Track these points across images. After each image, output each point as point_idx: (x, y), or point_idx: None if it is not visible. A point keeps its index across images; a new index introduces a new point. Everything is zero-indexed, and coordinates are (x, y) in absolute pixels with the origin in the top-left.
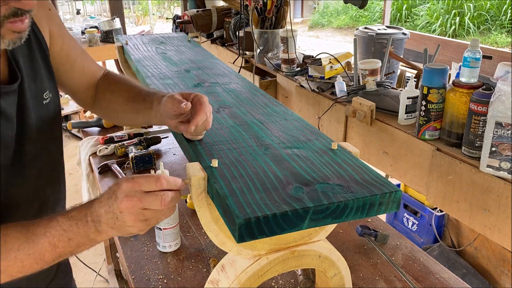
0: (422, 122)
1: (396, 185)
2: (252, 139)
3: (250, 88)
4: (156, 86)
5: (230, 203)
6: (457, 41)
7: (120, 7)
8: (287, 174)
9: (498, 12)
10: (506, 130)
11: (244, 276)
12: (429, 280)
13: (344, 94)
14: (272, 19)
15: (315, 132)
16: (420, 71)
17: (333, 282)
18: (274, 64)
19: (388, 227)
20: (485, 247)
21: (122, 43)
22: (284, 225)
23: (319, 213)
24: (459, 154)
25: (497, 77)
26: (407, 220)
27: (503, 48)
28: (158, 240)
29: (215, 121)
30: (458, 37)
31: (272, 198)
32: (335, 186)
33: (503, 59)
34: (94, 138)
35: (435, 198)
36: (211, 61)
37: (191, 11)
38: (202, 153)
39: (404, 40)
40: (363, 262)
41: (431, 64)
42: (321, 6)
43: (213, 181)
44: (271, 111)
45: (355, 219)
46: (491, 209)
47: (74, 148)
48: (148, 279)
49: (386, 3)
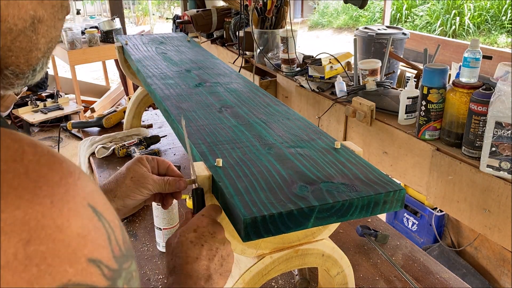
0: (422, 122)
1: None
2: (255, 139)
3: (251, 87)
4: (158, 86)
5: (236, 202)
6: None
7: (120, 7)
8: (291, 173)
9: (498, 12)
10: (506, 130)
11: (248, 275)
12: (429, 280)
13: (344, 94)
14: (272, 19)
15: (317, 131)
16: (420, 71)
17: (336, 280)
18: (274, 64)
19: (388, 227)
20: (485, 247)
21: (122, 43)
22: (290, 224)
23: (324, 212)
24: (459, 154)
25: (497, 77)
26: (407, 220)
27: (503, 48)
28: (158, 240)
29: (217, 121)
30: (458, 37)
31: (277, 197)
32: (339, 185)
33: (503, 59)
34: (89, 139)
35: (435, 198)
36: (212, 61)
37: (191, 11)
38: (206, 153)
39: (404, 40)
40: (363, 262)
41: (431, 64)
42: (321, 6)
43: (218, 180)
44: (273, 111)
45: (360, 218)
46: (491, 209)
47: (74, 148)
48: (148, 279)
49: (386, 3)
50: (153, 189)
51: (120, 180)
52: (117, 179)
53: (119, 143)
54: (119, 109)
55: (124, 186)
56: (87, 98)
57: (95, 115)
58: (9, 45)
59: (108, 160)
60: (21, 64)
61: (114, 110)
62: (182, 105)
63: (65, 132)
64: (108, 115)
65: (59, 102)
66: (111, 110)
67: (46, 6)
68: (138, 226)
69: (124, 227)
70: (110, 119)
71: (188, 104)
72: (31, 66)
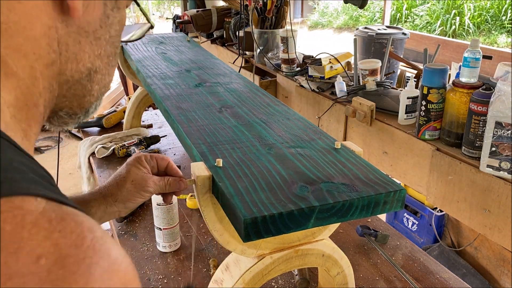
0: (422, 122)
1: None
2: (256, 139)
3: (251, 87)
4: (158, 86)
5: (236, 203)
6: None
7: None
8: (291, 173)
9: (498, 12)
10: (506, 130)
11: (248, 275)
12: (429, 280)
13: (344, 94)
14: (272, 19)
15: (318, 131)
16: (420, 71)
17: (336, 281)
18: (274, 64)
19: (388, 227)
20: (485, 247)
21: (122, 43)
22: (290, 224)
23: (324, 212)
24: (459, 154)
25: (497, 77)
26: (407, 220)
27: (503, 48)
28: (158, 240)
29: (217, 121)
30: (458, 37)
31: (278, 197)
32: (339, 185)
33: (503, 59)
34: (89, 139)
35: (435, 198)
36: (212, 61)
37: (191, 11)
38: (206, 153)
39: (404, 40)
40: (363, 262)
41: (431, 64)
42: (321, 6)
43: (218, 180)
44: (273, 111)
45: (360, 218)
46: (491, 209)
47: (74, 148)
48: (148, 279)
49: (386, 3)
50: (154, 191)
51: (120, 184)
52: (117, 183)
53: (119, 143)
54: (119, 109)
55: (125, 191)
56: None
57: (95, 115)
58: (64, 93)
59: (108, 160)
60: (74, 107)
61: (114, 110)
62: (182, 105)
63: (65, 132)
64: (108, 115)
65: None
66: (111, 110)
67: (103, 57)
68: (138, 226)
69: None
70: (110, 119)
71: (188, 104)
72: (84, 109)
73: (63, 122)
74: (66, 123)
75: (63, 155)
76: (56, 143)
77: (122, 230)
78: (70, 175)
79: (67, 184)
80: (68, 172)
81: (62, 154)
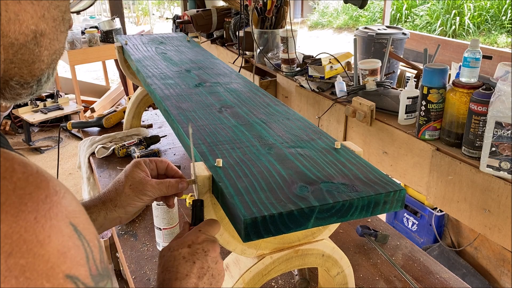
0: (422, 122)
1: None
2: (255, 139)
3: (251, 87)
4: (158, 86)
5: (236, 203)
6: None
7: (120, 7)
8: (291, 173)
9: (498, 12)
10: (506, 130)
11: (248, 275)
12: (429, 280)
13: (344, 94)
14: (272, 19)
15: (317, 131)
16: (420, 71)
17: (336, 280)
18: (274, 64)
19: (388, 227)
20: (485, 247)
21: (122, 43)
22: (290, 224)
23: (324, 212)
24: (459, 154)
25: (497, 77)
26: (407, 220)
27: (503, 48)
28: (158, 240)
29: (217, 121)
30: (458, 37)
31: (278, 197)
32: (339, 185)
33: (503, 59)
34: (89, 139)
35: (435, 198)
36: (212, 61)
37: (191, 11)
38: (206, 153)
39: (404, 40)
40: (363, 262)
41: (431, 64)
42: (321, 6)
43: (218, 180)
44: (273, 111)
45: (360, 218)
46: (491, 209)
47: (74, 148)
48: (148, 279)
49: (386, 3)
50: (153, 195)
51: (119, 189)
52: (116, 188)
53: (119, 143)
54: (119, 109)
55: (123, 195)
56: (87, 98)
57: (95, 115)
58: (11, 58)
59: (108, 160)
60: (25, 74)
61: (114, 110)
62: (182, 105)
63: (65, 132)
64: (108, 115)
65: (59, 102)
66: (111, 110)
67: (48, 20)
68: (138, 226)
69: (103, 247)
70: (110, 119)
71: (188, 104)
72: (35, 76)
73: (16, 94)
74: (19, 94)
75: (63, 155)
76: (56, 143)
77: (122, 230)
78: (70, 175)
79: (67, 184)
80: (68, 172)
81: (62, 154)
